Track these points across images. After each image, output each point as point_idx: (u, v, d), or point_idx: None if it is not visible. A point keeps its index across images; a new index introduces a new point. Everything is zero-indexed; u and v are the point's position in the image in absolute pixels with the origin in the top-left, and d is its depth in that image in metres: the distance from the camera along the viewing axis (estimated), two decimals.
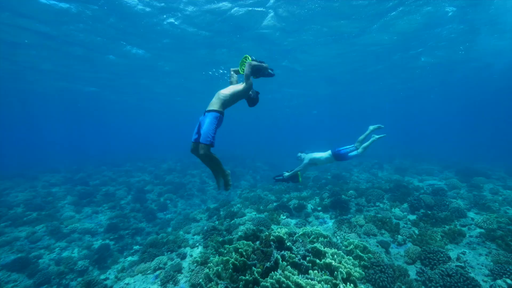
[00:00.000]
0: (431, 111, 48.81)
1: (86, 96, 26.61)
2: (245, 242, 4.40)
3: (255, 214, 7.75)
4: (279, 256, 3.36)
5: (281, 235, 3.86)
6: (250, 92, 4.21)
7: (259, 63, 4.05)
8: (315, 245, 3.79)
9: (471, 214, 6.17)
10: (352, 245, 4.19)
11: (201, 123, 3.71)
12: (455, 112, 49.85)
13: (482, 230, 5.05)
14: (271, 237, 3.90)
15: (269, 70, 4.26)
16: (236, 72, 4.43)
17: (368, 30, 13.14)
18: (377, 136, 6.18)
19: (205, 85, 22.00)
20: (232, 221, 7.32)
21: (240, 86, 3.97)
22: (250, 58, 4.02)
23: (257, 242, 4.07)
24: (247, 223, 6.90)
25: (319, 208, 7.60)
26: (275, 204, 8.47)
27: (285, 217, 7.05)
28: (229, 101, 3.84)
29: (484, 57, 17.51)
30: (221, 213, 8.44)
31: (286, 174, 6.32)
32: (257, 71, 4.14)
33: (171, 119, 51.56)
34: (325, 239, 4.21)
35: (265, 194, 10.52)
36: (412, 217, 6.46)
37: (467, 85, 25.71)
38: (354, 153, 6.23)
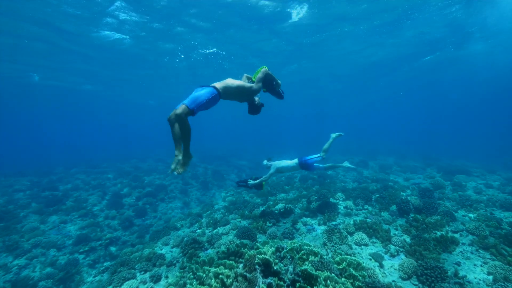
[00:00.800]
0: (413, 109, 50.56)
1: (67, 91, 24.47)
2: (227, 262, 3.91)
3: (240, 221, 7.29)
4: (265, 286, 2.90)
5: (267, 257, 3.39)
6: (256, 98, 4.23)
7: (274, 77, 4.17)
8: (305, 267, 3.37)
9: (459, 217, 6.06)
10: (344, 263, 3.82)
11: (193, 93, 3.50)
12: (435, 110, 51.98)
13: (474, 237, 4.90)
14: (256, 260, 3.43)
15: (280, 89, 4.36)
16: (249, 79, 4.37)
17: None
18: (348, 164, 6.39)
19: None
20: (215, 230, 6.80)
21: (248, 84, 3.91)
22: (266, 68, 4.09)
23: (241, 266, 3.59)
24: (231, 232, 6.42)
25: (307, 213, 7.25)
26: (261, 208, 8.04)
27: (271, 224, 6.62)
28: (232, 91, 3.73)
29: (471, 58, 18.01)
30: (203, 220, 7.89)
31: (251, 182, 6.05)
32: (269, 82, 4.19)
33: (155, 117, 49.49)
34: (316, 258, 3.81)
35: (251, 197, 10.08)
36: (402, 221, 6.27)
37: (450, 85, 26.59)
38: (320, 165, 6.38)
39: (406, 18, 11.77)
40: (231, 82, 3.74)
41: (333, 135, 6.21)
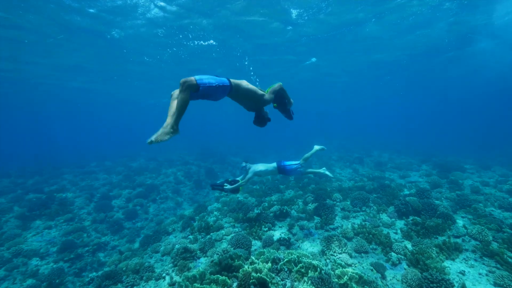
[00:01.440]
0: (409, 106, 50.88)
1: (59, 89, 23.17)
2: (220, 278, 3.61)
3: (234, 225, 7.00)
4: None
5: (262, 276, 3.11)
6: (265, 110, 4.18)
7: (287, 95, 4.13)
8: (305, 286, 3.10)
9: (459, 219, 5.92)
10: (346, 277, 3.57)
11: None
12: (430, 107, 52.42)
13: (477, 243, 4.73)
14: (251, 279, 3.14)
15: (291, 108, 4.30)
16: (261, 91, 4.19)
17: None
18: (326, 172, 6.26)
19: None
20: (208, 235, 6.49)
21: (261, 92, 3.81)
22: (281, 84, 4.06)
23: (234, 285, 3.29)
24: (225, 239, 6.12)
25: (303, 216, 7.01)
26: (256, 211, 7.76)
27: (267, 229, 6.35)
28: (243, 91, 3.63)
29: (470, 56, 17.87)
30: (196, 223, 7.55)
31: (228, 187, 5.75)
32: (281, 98, 4.14)
33: (150, 116, 48.14)
34: (316, 273, 3.54)
35: (245, 197, 9.79)
36: (401, 223, 6.11)
37: (448, 83, 26.60)
38: (298, 170, 6.25)
39: (408, 15, 11.40)
40: (245, 83, 3.72)
41: (316, 147, 6.18)
